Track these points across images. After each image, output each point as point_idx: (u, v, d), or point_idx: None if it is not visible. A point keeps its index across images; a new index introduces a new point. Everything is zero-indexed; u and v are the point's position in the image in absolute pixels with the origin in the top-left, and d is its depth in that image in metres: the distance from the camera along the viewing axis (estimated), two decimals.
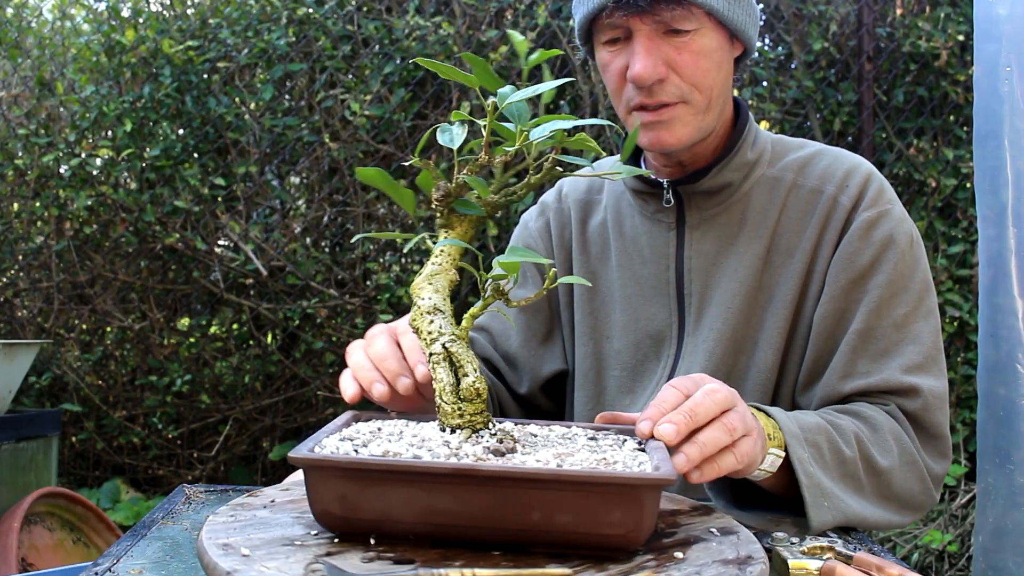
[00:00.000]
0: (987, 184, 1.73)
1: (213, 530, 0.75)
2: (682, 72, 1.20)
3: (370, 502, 0.72)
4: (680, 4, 1.16)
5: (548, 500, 0.71)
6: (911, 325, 1.20)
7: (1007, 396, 1.65)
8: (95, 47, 3.22)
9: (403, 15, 3.16)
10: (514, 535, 0.72)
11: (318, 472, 0.72)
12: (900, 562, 0.84)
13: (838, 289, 1.21)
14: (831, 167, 1.28)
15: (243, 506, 0.83)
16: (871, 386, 1.18)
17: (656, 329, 1.32)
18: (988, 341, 1.71)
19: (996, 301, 1.69)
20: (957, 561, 2.98)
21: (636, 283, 1.34)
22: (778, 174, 1.30)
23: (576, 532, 0.72)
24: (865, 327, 1.19)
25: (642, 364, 1.33)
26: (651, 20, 1.18)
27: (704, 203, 1.30)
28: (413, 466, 0.71)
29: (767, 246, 1.27)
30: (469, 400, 0.83)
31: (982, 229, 1.75)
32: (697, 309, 1.29)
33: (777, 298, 1.25)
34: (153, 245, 3.15)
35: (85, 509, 2.66)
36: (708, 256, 1.29)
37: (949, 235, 3.33)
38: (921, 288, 1.23)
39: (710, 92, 1.23)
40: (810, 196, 1.27)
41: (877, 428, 1.15)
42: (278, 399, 3.23)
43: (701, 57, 1.20)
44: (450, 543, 0.73)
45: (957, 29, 3.33)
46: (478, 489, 0.71)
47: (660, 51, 1.19)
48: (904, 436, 1.16)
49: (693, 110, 1.22)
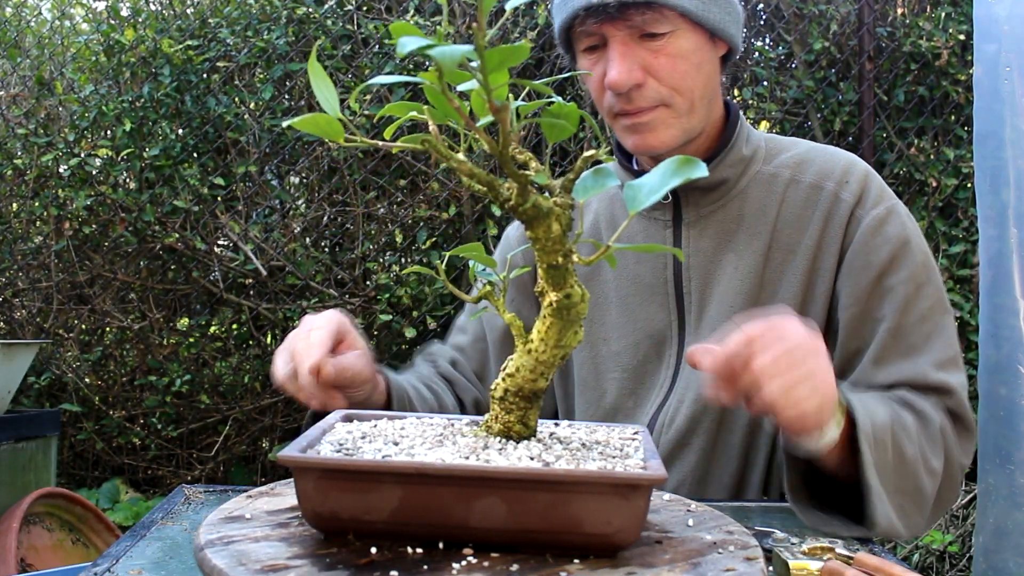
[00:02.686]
0: (988, 184, 1.73)
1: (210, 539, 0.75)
2: (660, 76, 1.18)
3: (360, 503, 0.71)
4: (650, 7, 1.15)
5: (540, 500, 0.71)
6: (935, 318, 1.20)
7: (1008, 396, 1.64)
8: (94, 47, 3.21)
9: (403, 15, 3.16)
10: (507, 536, 0.72)
11: (307, 473, 0.72)
12: (901, 562, 0.83)
13: (860, 290, 1.20)
14: (828, 163, 1.28)
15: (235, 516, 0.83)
16: (905, 380, 1.16)
17: (656, 329, 1.30)
18: (989, 341, 1.71)
19: (997, 301, 1.69)
20: (958, 561, 2.98)
21: (633, 283, 1.32)
22: (774, 170, 1.29)
23: (563, 532, 0.71)
24: (895, 324, 1.18)
25: (643, 366, 1.31)
26: (623, 26, 1.16)
27: (701, 200, 1.28)
28: (408, 467, 0.71)
29: (767, 243, 1.25)
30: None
31: (983, 229, 1.74)
32: (698, 308, 1.28)
33: (780, 296, 1.24)
34: (152, 245, 3.15)
35: (84, 509, 2.65)
36: (706, 254, 1.28)
37: (950, 235, 3.33)
38: (936, 280, 1.23)
39: (691, 94, 1.21)
40: (810, 192, 1.26)
41: (928, 423, 1.13)
42: (278, 399, 3.22)
43: (678, 60, 1.18)
44: (450, 544, 0.73)
45: (958, 29, 3.33)
46: (472, 489, 0.70)
47: (635, 56, 1.17)
48: (948, 433, 1.15)
49: (675, 113, 1.21)
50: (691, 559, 0.74)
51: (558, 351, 0.80)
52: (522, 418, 0.83)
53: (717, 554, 0.75)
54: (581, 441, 0.86)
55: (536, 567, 0.69)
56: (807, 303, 1.24)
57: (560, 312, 0.78)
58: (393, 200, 3.21)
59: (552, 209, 0.74)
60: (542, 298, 0.79)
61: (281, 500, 0.86)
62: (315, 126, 0.70)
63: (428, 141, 0.71)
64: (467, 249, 0.85)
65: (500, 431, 0.83)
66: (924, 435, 1.11)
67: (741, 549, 0.77)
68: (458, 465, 0.72)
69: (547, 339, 0.79)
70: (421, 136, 0.72)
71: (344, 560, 0.69)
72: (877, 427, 1.02)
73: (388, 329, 3.11)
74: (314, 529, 0.75)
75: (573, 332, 0.80)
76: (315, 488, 0.72)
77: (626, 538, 0.72)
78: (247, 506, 0.84)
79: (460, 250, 0.85)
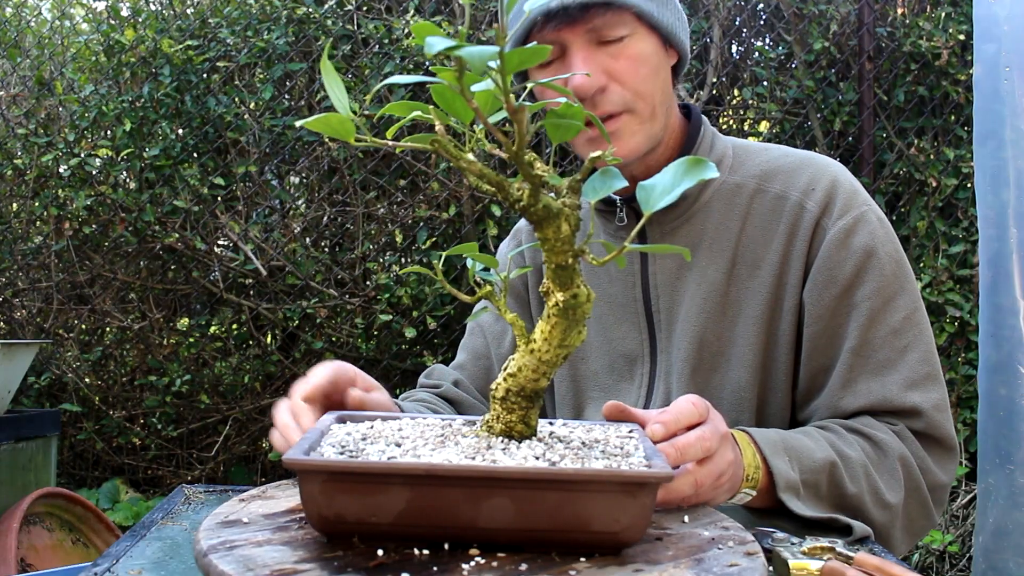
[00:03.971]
0: (988, 184, 1.73)
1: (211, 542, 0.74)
2: (622, 79, 1.17)
3: (367, 505, 0.71)
4: (609, 7, 1.14)
5: (548, 500, 0.71)
6: (907, 331, 1.16)
7: (1008, 396, 1.64)
8: (94, 46, 3.21)
9: (403, 15, 3.16)
10: (513, 536, 0.72)
11: (312, 476, 0.71)
12: (900, 562, 0.83)
13: (824, 308, 1.17)
14: (796, 171, 1.24)
15: (233, 519, 0.83)
16: (874, 406, 1.15)
17: (628, 349, 1.29)
18: (989, 341, 1.71)
19: (997, 301, 1.69)
20: (958, 561, 2.98)
21: (607, 302, 1.31)
22: (740, 181, 1.25)
23: (570, 531, 0.72)
24: (859, 343, 1.15)
25: (617, 384, 1.30)
26: (583, 30, 1.16)
27: (662, 217, 1.26)
28: (417, 468, 0.71)
29: (731, 259, 1.22)
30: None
31: (983, 229, 1.74)
32: (666, 327, 1.26)
33: (746, 313, 1.21)
34: (152, 245, 3.15)
35: (84, 509, 2.65)
36: (671, 272, 1.25)
37: (950, 235, 3.33)
38: (910, 290, 1.19)
39: (652, 99, 1.20)
40: (775, 203, 1.22)
41: (886, 453, 1.12)
42: (278, 399, 3.22)
43: (639, 63, 1.18)
44: (455, 545, 0.73)
45: (958, 29, 3.33)
46: (480, 490, 0.70)
47: (597, 60, 1.16)
48: (911, 461, 1.13)
49: (639, 119, 1.20)
50: (693, 555, 0.74)
51: (561, 351, 0.80)
52: (524, 418, 0.83)
53: (717, 550, 0.75)
54: (581, 440, 0.86)
55: (544, 566, 0.69)
56: (773, 319, 1.20)
57: (566, 312, 0.78)
58: (393, 200, 3.21)
59: (562, 210, 0.74)
60: (547, 298, 0.79)
61: (275, 503, 0.86)
62: (327, 126, 0.70)
63: (438, 141, 0.72)
64: (463, 248, 0.85)
65: (502, 431, 0.83)
66: (881, 467, 1.11)
67: (740, 544, 0.77)
68: (467, 466, 0.72)
69: (551, 339, 0.79)
70: (430, 136, 0.72)
71: (353, 563, 0.69)
72: (807, 470, 1.04)
73: (388, 329, 3.11)
74: (317, 532, 0.75)
75: (577, 332, 0.80)
76: (321, 491, 0.71)
77: (632, 536, 0.72)
78: (242, 510, 0.83)
79: (456, 249, 0.86)
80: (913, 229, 3.31)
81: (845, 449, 1.09)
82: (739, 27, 3.54)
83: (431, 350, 3.17)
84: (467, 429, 0.87)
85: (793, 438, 1.08)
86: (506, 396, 0.83)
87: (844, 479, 1.06)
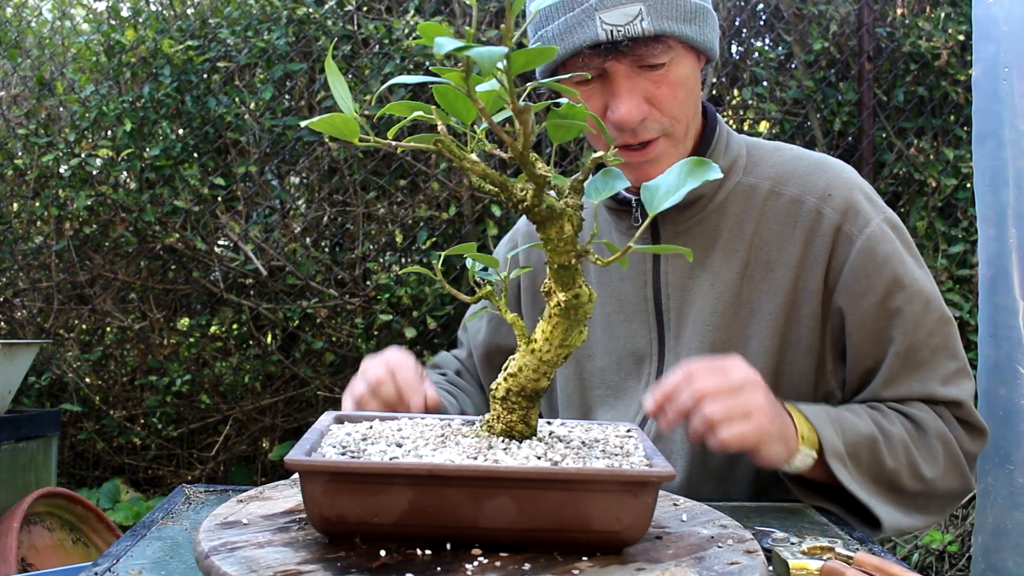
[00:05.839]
0: (987, 184, 1.73)
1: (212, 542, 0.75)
2: (662, 106, 1.18)
3: (369, 506, 0.71)
4: (658, 40, 1.14)
5: (551, 499, 0.71)
6: (942, 330, 1.20)
7: (1007, 396, 1.64)
8: (95, 47, 3.21)
9: (403, 15, 3.16)
10: (515, 535, 0.72)
11: (315, 477, 0.71)
12: (900, 562, 0.84)
13: (863, 315, 1.19)
14: (811, 175, 1.24)
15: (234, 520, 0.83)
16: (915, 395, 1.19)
17: (637, 347, 1.30)
18: (988, 341, 1.71)
19: (996, 301, 1.69)
20: (957, 561, 2.98)
21: (616, 300, 1.31)
22: (754, 182, 1.26)
23: (572, 530, 0.72)
24: (906, 347, 1.18)
25: (624, 382, 1.31)
26: (627, 60, 1.15)
27: (676, 217, 1.26)
28: (420, 468, 0.71)
29: (745, 259, 1.23)
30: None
31: (982, 229, 1.74)
32: (676, 326, 1.27)
33: (760, 314, 1.22)
34: (153, 245, 3.15)
35: (85, 509, 2.66)
36: (683, 271, 1.26)
37: (949, 235, 3.33)
38: (935, 287, 1.22)
39: (686, 119, 1.21)
40: (790, 207, 1.23)
41: (926, 431, 1.16)
42: (278, 399, 3.23)
43: (678, 88, 1.18)
44: (457, 545, 0.73)
45: (957, 29, 3.33)
46: (483, 490, 0.70)
47: (640, 89, 1.17)
48: (950, 437, 1.18)
49: (674, 141, 1.21)
50: (694, 553, 0.74)
51: (562, 351, 0.80)
52: (524, 417, 0.83)
53: (717, 548, 0.76)
54: (581, 440, 0.86)
55: (547, 566, 0.70)
56: (789, 323, 1.22)
57: (567, 312, 0.78)
58: (393, 200, 3.21)
59: (565, 210, 0.74)
60: (548, 298, 0.79)
61: (273, 504, 0.86)
62: (332, 126, 0.71)
63: (441, 142, 0.72)
64: (463, 249, 0.85)
65: (503, 431, 0.83)
66: (920, 443, 1.15)
67: (739, 543, 0.78)
68: (470, 466, 0.72)
69: (552, 339, 0.80)
70: (434, 136, 0.73)
71: (356, 564, 0.69)
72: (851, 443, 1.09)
73: (388, 329, 3.11)
74: (318, 533, 0.75)
75: (578, 332, 0.80)
76: (323, 492, 0.71)
77: (633, 535, 0.73)
78: (240, 511, 0.83)
79: (456, 249, 0.86)
80: (913, 229, 3.31)
81: (887, 425, 1.14)
82: (739, 27, 3.54)
83: (431, 350, 3.17)
84: (467, 429, 0.87)
85: (838, 412, 1.12)
86: (507, 396, 0.83)
87: (884, 454, 1.11)
